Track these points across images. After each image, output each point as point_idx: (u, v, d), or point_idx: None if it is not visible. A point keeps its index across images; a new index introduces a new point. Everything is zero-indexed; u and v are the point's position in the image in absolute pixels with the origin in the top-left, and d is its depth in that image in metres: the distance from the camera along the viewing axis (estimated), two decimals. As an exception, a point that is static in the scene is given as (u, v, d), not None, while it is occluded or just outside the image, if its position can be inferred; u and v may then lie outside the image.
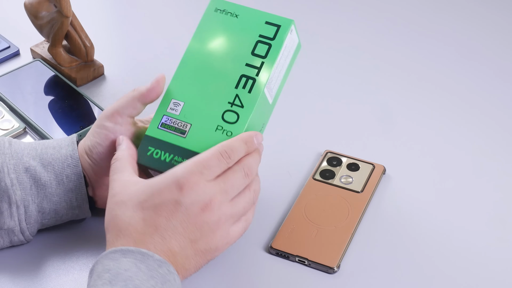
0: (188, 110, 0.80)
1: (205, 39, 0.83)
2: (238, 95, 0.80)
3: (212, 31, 0.83)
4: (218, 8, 0.84)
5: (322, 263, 0.83)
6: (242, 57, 0.81)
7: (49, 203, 0.82)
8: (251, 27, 0.83)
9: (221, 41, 0.83)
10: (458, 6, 1.25)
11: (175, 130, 0.79)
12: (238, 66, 0.81)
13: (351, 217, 0.88)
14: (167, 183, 0.73)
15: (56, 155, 0.83)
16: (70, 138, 0.85)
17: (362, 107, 1.05)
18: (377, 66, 1.12)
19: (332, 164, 0.94)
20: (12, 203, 0.80)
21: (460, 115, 1.04)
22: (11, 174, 0.81)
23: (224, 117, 0.79)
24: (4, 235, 0.82)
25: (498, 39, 1.18)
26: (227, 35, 0.83)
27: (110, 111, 0.82)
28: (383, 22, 1.21)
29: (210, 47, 0.83)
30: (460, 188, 0.94)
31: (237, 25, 0.83)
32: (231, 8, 0.84)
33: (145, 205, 0.73)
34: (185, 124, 0.79)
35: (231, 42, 0.82)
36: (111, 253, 0.71)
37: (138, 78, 1.09)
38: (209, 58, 0.82)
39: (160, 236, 0.72)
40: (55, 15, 1.02)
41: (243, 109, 0.80)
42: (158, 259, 0.71)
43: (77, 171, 0.82)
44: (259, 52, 0.81)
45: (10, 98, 1.02)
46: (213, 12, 0.84)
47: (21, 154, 0.82)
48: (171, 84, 0.82)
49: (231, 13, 0.84)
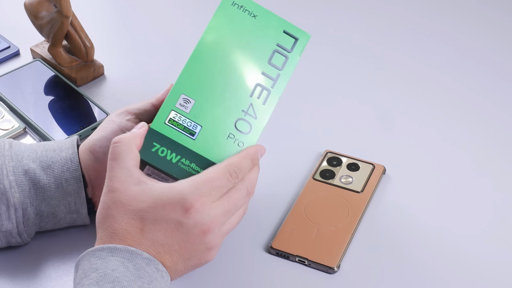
0: (199, 110, 0.76)
1: (220, 34, 0.79)
2: (252, 104, 0.77)
3: (228, 26, 0.79)
4: (236, 3, 0.80)
5: (322, 263, 0.83)
6: (259, 64, 0.78)
7: (47, 206, 0.82)
8: (269, 32, 0.79)
9: (237, 40, 0.79)
10: (458, 6, 1.25)
11: (184, 130, 0.76)
12: (254, 73, 0.78)
13: (351, 217, 0.88)
14: (173, 200, 0.71)
15: (56, 158, 0.82)
16: (71, 141, 0.84)
17: (362, 107, 1.05)
18: (377, 66, 1.12)
19: (332, 164, 0.94)
20: (10, 206, 0.80)
21: (461, 114, 1.04)
22: (10, 176, 0.80)
23: (236, 126, 0.77)
24: (1, 237, 0.82)
25: (498, 39, 1.18)
26: (244, 35, 0.79)
27: (122, 109, 0.83)
28: (383, 22, 1.21)
29: (225, 44, 0.78)
30: (460, 188, 0.94)
31: (254, 26, 0.79)
32: (250, 6, 0.80)
33: (146, 215, 0.71)
34: (196, 125, 0.76)
35: (248, 45, 0.79)
36: (98, 251, 0.70)
37: (138, 78, 1.09)
38: (223, 55, 0.78)
39: (155, 250, 0.71)
40: (55, 15, 1.02)
41: (256, 120, 0.77)
42: (146, 257, 0.70)
43: (77, 175, 0.82)
44: (276, 62, 0.79)
45: (10, 98, 1.02)
46: (230, 5, 0.79)
47: (21, 157, 0.82)
48: (181, 76, 0.77)
49: (249, 11, 0.79)
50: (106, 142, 0.81)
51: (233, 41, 0.79)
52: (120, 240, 0.71)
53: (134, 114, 0.83)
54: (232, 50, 0.79)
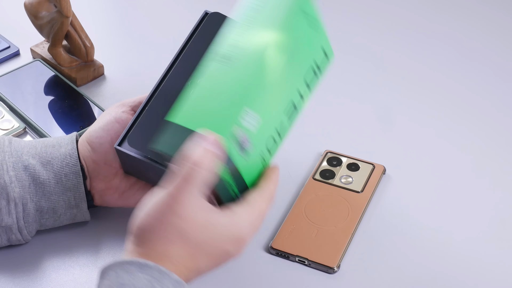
0: (260, 127, 0.68)
1: (283, 37, 0.70)
2: (282, 122, 0.71)
3: (292, 32, 0.70)
4: (304, 11, 0.72)
5: (322, 263, 0.83)
6: (297, 78, 0.71)
7: (47, 202, 0.82)
8: (313, 45, 0.73)
9: (293, 48, 0.71)
10: (458, 6, 1.25)
11: (244, 153, 0.69)
12: (291, 87, 0.71)
13: (351, 217, 0.88)
14: (232, 238, 0.71)
15: (55, 154, 0.83)
16: (70, 137, 0.85)
17: (362, 107, 1.05)
18: (377, 66, 1.12)
19: (332, 164, 0.94)
20: (10, 200, 0.80)
21: (461, 115, 1.04)
22: (10, 171, 0.81)
23: (267, 145, 0.71)
24: (1, 233, 0.82)
25: (498, 39, 1.18)
26: (299, 44, 0.71)
27: (118, 103, 0.85)
28: (383, 22, 1.21)
29: (285, 50, 0.70)
30: (460, 188, 0.94)
31: (308, 36, 0.72)
32: (312, 15, 0.73)
33: (203, 248, 0.69)
34: (250, 143, 0.69)
35: (297, 54, 0.71)
36: (127, 264, 0.67)
37: (138, 78, 1.09)
38: (279, 62, 0.69)
39: (188, 274, 0.70)
40: (55, 15, 1.02)
41: (280, 138, 0.72)
42: (176, 280, 0.68)
43: (76, 170, 0.83)
44: (308, 81, 0.73)
45: (10, 98, 1.02)
46: (300, 11, 0.71)
47: (21, 153, 0.82)
48: (237, 80, 0.67)
49: (309, 21, 0.72)
50: (102, 132, 0.83)
51: (291, 50, 0.71)
52: (157, 259, 0.68)
53: (129, 106, 0.84)
54: (287, 59, 0.71)
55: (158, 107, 0.79)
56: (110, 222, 0.87)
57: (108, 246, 0.85)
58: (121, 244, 0.85)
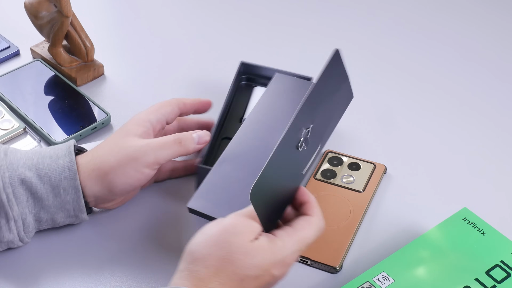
0: None
1: (441, 239, 0.83)
2: None
3: (453, 234, 0.83)
4: (468, 219, 0.84)
5: (324, 263, 0.83)
6: (475, 271, 0.79)
7: (46, 214, 0.82)
8: (495, 249, 0.81)
9: (458, 248, 0.82)
10: (458, 6, 1.25)
11: None
12: (467, 277, 0.79)
13: (353, 217, 0.88)
14: (278, 263, 0.72)
15: (52, 166, 0.82)
16: (67, 147, 0.83)
17: (362, 107, 1.05)
18: (378, 66, 1.12)
19: (333, 164, 0.94)
20: (9, 219, 0.80)
21: (461, 115, 1.04)
22: (7, 188, 0.79)
23: None
24: (3, 246, 0.82)
25: (498, 39, 1.18)
26: (468, 245, 0.82)
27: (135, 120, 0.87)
28: (383, 22, 1.21)
29: (444, 248, 0.82)
30: (461, 188, 0.94)
31: (481, 241, 0.82)
32: (481, 225, 0.84)
33: (250, 273, 0.70)
34: None
35: (468, 254, 0.81)
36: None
37: (138, 78, 1.09)
38: (440, 257, 0.81)
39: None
40: (55, 15, 1.02)
41: None
42: None
43: (75, 184, 0.81)
44: (495, 275, 0.79)
45: (10, 98, 1.02)
46: (461, 220, 0.84)
47: (17, 165, 0.81)
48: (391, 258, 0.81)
49: (478, 228, 0.83)
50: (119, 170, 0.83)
51: (454, 247, 0.82)
52: (218, 283, 0.69)
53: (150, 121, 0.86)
54: (450, 255, 0.81)
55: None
56: (110, 222, 0.87)
57: (108, 247, 0.85)
58: (120, 245, 0.85)
